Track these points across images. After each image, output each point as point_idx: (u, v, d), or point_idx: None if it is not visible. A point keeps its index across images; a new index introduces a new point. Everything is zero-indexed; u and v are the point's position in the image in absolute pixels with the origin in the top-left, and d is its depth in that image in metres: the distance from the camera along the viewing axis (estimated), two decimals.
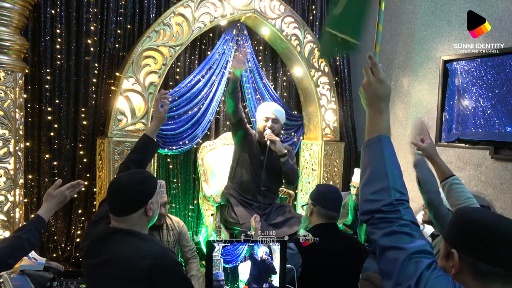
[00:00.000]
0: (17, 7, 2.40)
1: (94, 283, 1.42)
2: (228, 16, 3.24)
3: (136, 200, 1.42)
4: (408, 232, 0.91)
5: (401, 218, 0.93)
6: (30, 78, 2.86)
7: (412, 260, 0.87)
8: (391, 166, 0.99)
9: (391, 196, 0.95)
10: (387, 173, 0.98)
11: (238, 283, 2.67)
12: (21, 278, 2.30)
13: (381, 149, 1.01)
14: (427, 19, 3.39)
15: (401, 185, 0.98)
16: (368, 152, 1.03)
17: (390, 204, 0.95)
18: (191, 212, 3.54)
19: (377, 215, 0.95)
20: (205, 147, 3.45)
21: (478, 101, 2.93)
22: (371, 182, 1.00)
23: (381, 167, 0.99)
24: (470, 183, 3.03)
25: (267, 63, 3.77)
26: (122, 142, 2.86)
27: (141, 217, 1.43)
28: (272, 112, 2.93)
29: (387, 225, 0.93)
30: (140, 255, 1.33)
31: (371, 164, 1.01)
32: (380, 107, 1.05)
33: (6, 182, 2.44)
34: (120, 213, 1.41)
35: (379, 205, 0.95)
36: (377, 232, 0.94)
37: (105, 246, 1.39)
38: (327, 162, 3.74)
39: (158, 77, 2.99)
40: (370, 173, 1.01)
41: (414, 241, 0.90)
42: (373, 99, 1.06)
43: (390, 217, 0.94)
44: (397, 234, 0.91)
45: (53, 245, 3.02)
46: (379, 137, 1.02)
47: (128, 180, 1.43)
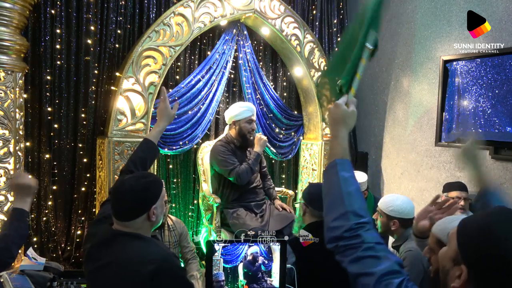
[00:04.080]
0: (17, 7, 2.40)
1: (96, 285, 1.41)
2: (228, 16, 3.24)
3: (139, 206, 1.41)
4: (373, 255, 0.90)
5: (363, 242, 0.92)
6: (30, 78, 2.86)
7: (382, 284, 0.86)
8: (347, 190, 0.99)
9: (350, 220, 0.95)
10: (343, 198, 0.98)
11: (238, 283, 2.66)
12: (21, 278, 2.30)
13: (336, 174, 1.02)
14: (427, 19, 3.39)
15: (359, 207, 0.97)
16: (326, 179, 1.06)
17: (350, 229, 0.94)
18: (191, 212, 3.54)
19: (341, 243, 0.95)
20: (205, 147, 3.45)
21: (478, 101, 2.93)
22: (331, 209, 1.00)
23: (337, 193, 1.00)
24: (470, 183, 3.02)
25: (267, 63, 3.77)
26: (122, 142, 2.86)
27: (144, 222, 1.42)
28: (254, 114, 2.99)
29: (352, 252, 0.92)
30: (144, 260, 1.32)
31: (329, 190, 1.03)
32: (335, 131, 1.09)
33: (6, 182, 2.44)
34: (123, 218, 1.40)
35: (340, 231, 0.95)
36: (345, 260, 0.94)
37: (108, 249, 1.38)
38: (327, 162, 3.74)
39: (158, 77, 2.99)
40: (328, 200, 1.02)
41: (380, 263, 0.89)
42: (331, 123, 1.12)
43: (353, 243, 0.93)
44: (363, 259, 0.90)
45: (53, 245, 3.02)
46: (334, 161, 1.05)
47: (132, 185, 1.41)
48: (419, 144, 3.47)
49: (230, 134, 3.03)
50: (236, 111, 2.97)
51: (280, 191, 3.54)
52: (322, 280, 1.86)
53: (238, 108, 2.99)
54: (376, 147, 3.94)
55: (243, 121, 2.94)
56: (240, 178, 2.78)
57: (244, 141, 2.96)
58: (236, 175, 2.78)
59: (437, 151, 3.29)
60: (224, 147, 2.91)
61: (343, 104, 1.11)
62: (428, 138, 3.37)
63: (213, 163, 2.92)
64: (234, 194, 2.94)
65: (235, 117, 2.96)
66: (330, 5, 3.96)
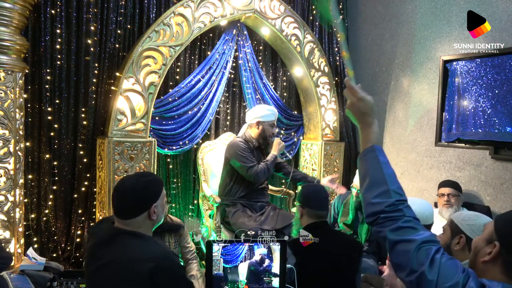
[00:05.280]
0: (17, 7, 2.40)
1: (96, 284, 1.42)
2: (228, 16, 3.24)
3: (139, 204, 1.43)
4: (412, 226, 1.00)
5: (404, 216, 1.02)
6: (30, 78, 2.85)
7: (422, 249, 0.96)
8: (387, 171, 1.09)
9: (392, 197, 1.04)
10: (385, 177, 1.08)
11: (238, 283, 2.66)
12: (21, 278, 2.30)
13: (377, 157, 1.12)
14: (427, 19, 3.39)
15: (398, 187, 1.07)
16: (365, 161, 1.14)
17: (392, 205, 1.03)
18: (191, 212, 3.54)
19: (382, 215, 1.04)
20: (205, 147, 3.45)
21: (478, 101, 2.93)
22: (372, 187, 1.09)
23: (379, 173, 1.09)
24: (470, 183, 3.03)
25: (267, 63, 3.77)
26: (122, 142, 2.86)
27: (145, 220, 1.44)
28: (276, 119, 3.02)
29: (392, 223, 1.02)
30: (143, 258, 1.33)
31: (370, 171, 1.12)
32: (367, 121, 1.17)
33: (6, 182, 2.44)
34: (123, 216, 1.42)
35: (382, 206, 1.04)
36: (384, 230, 1.03)
37: (109, 248, 1.40)
38: (327, 162, 3.74)
39: (158, 77, 2.99)
40: (369, 179, 1.11)
41: (419, 233, 0.99)
42: (359, 115, 1.18)
43: (394, 215, 1.02)
44: (404, 229, 1.00)
45: (53, 245, 3.02)
46: (373, 147, 1.14)
47: (133, 183, 1.44)
48: (419, 144, 3.47)
49: (250, 133, 3.01)
50: (263, 113, 2.96)
51: (280, 191, 3.54)
52: (322, 280, 1.87)
53: (264, 110, 2.99)
54: None
55: (267, 123, 2.95)
56: (258, 176, 2.83)
57: (265, 143, 2.99)
58: (254, 173, 2.82)
59: (437, 151, 3.29)
60: (245, 145, 2.93)
61: (366, 96, 1.17)
62: (428, 138, 3.37)
63: (232, 157, 2.91)
64: (243, 191, 2.95)
65: (260, 118, 2.95)
66: None
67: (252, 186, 2.95)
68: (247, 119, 3.06)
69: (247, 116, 3.09)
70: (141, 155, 2.92)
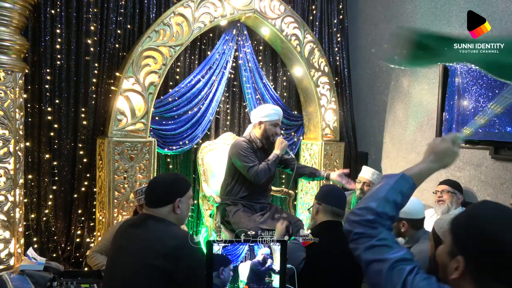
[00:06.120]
0: (17, 7, 2.40)
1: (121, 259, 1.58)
2: (228, 16, 3.24)
3: (166, 195, 1.63)
4: (387, 245, 0.97)
5: (379, 234, 0.99)
6: (30, 78, 2.85)
7: (395, 269, 0.92)
8: (388, 196, 1.05)
9: (374, 216, 1.01)
10: (381, 200, 1.04)
11: (238, 283, 2.66)
12: (21, 278, 2.30)
13: (394, 181, 1.08)
14: (427, 19, 3.39)
15: (386, 214, 1.02)
16: (383, 180, 1.12)
17: (370, 221, 1.01)
18: (191, 212, 3.54)
19: (357, 230, 1.01)
20: (205, 147, 3.45)
21: (478, 101, 2.93)
22: (365, 199, 1.07)
23: (379, 194, 1.06)
24: (470, 183, 3.03)
25: (267, 63, 3.77)
26: (122, 142, 2.86)
27: (170, 212, 1.63)
28: (280, 119, 3.00)
29: (367, 240, 0.99)
30: (168, 236, 1.54)
31: (376, 189, 1.09)
32: (428, 159, 1.15)
33: (6, 182, 2.43)
34: (152, 204, 1.63)
35: (359, 218, 1.02)
36: (359, 247, 1.00)
37: (138, 228, 1.60)
38: (327, 162, 3.74)
39: (158, 77, 2.99)
40: (370, 192, 1.09)
41: (394, 251, 0.95)
42: (430, 151, 1.17)
43: (369, 232, 1.00)
44: (377, 247, 0.97)
45: (53, 245, 3.02)
46: (401, 174, 1.11)
47: (164, 178, 1.76)
48: (419, 144, 3.47)
49: (254, 134, 3.01)
50: (265, 112, 2.96)
51: (280, 191, 3.54)
52: (323, 280, 1.86)
53: (267, 110, 2.98)
54: (376, 147, 3.94)
55: (269, 123, 2.93)
56: (258, 176, 2.80)
57: (267, 142, 2.97)
58: (255, 173, 2.80)
59: None
60: (248, 145, 2.92)
61: (450, 141, 1.15)
62: (428, 138, 3.37)
63: (234, 156, 2.90)
64: (245, 191, 2.94)
65: (263, 117, 2.94)
66: (330, 5, 3.96)
67: (254, 187, 2.92)
68: (251, 119, 3.07)
69: (251, 116, 3.10)
70: (141, 155, 2.92)
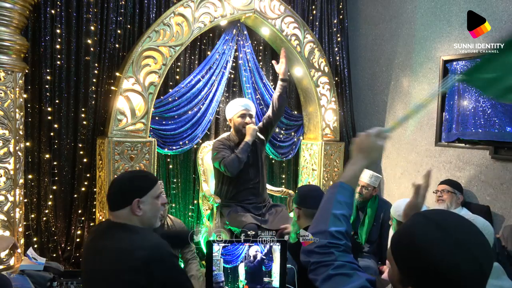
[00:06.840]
0: (17, 7, 2.40)
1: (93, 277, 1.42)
2: (228, 16, 3.24)
3: (121, 196, 1.42)
4: (345, 273, 0.91)
5: (335, 260, 0.94)
6: (30, 78, 2.85)
7: None
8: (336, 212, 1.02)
9: (326, 239, 0.97)
10: (329, 218, 1.01)
11: (238, 283, 2.66)
12: (21, 278, 2.30)
13: (334, 195, 1.05)
14: (427, 19, 3.39)
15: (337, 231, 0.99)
16: (326, 196, 1.09)
17: (324, 246, 0.96)
18: (191, 212, 3.54)
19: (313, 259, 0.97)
20: (205, 147, 3.45)
21: (478, 101, 2.93)
22: (314, 223, 1.04)
23: (326, 211, 1.03)
24: (470, 183, 3.03)
25: (267, 63, 3.77)
26: (122, 142, 2.86)
27: (130, 215, 1.42)
28: (246, 108, 2.99)
29: (324, 270, 0.94)
30: (137, 247, 1.33)
31: (322, 206, 1.07)
32: (356, 158, 1.12)
33: (6, 182, 2.44)
34: (110, 207, 1.45)
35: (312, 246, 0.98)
36: (317, 278, 0.95)
37: (103, 240, 1.42)
38: (327, 162, 3.74)
39: (158, 77, 2.99)
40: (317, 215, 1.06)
41: (351, 281, 0.90)
42: (355, 149, 1.14)
43: (325, 260, 0.95)
44: (334, 277, 0.91)
45: (53, 245, 3.02)
46: (339, 183, 1.08)
47: (122, 177, 1.50)
48: (419, 144, 3.47)
49: (231, 132, 3.09)
50: (229, 108, 3.06)
51: (280, 191, 3.54)
52: None
53: (230, 105, 3.08)
54: None
55: (236, 116, 2.99)
56: (227, 168, 2.78)
57: (240, 136, 2.98)
58: (223, 164, 2.80)
59: (437, 151, 3.29)
60: (221, 142, 2.98)
61: (373, 136, 1.11)
62: (428, 138, 3.37)
63: (212, 158, 2.98)
64: (232, 191, 2.96)
65: (229, 113, 3.05)
66: (330, 5, 3.96)
67: (239, 186, 2.94)
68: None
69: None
70: (141, 155, 2.92)
